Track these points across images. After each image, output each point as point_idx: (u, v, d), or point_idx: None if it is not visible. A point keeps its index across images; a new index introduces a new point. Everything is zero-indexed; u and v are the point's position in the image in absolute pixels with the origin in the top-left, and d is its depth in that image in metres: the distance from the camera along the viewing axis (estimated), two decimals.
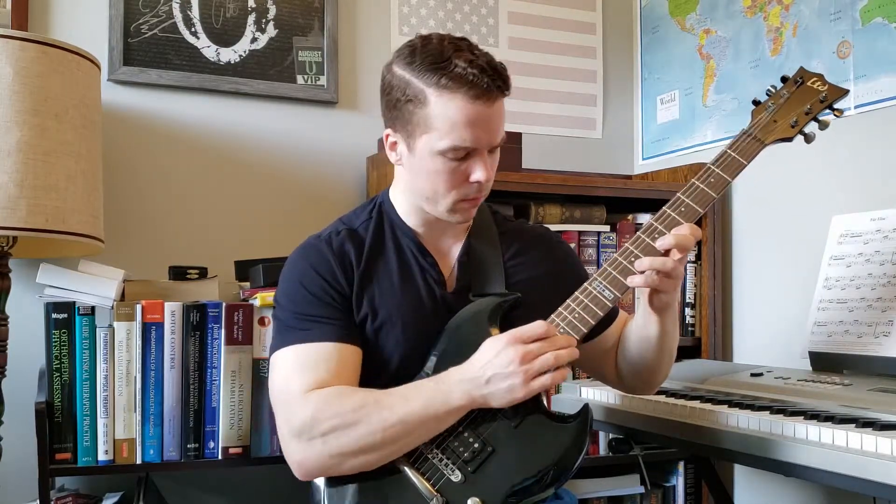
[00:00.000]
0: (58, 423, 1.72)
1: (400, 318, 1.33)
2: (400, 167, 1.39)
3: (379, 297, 1.34)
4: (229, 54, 2.23)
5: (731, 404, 1.48)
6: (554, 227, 2.24)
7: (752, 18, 2.29)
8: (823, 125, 1.39)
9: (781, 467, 1.30)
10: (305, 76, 2.31)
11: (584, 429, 1.27)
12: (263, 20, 2.27)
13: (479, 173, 1.30)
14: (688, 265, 2.36)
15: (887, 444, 1.15)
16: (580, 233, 2.26)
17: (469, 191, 1.33)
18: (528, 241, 1.49)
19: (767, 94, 1.42)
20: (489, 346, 1.23)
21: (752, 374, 1.70)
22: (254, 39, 2.26)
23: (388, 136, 1.36)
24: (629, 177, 2.66)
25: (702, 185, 1.34)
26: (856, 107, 1.99)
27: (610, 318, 1.45)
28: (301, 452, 1.25)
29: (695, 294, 2.37)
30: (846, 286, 1.76)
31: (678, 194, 1.34)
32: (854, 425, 1.25)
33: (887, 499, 1.18)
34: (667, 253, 1.28)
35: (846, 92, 1.40)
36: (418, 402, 1.22)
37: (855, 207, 1.91)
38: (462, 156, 1.28)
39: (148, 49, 2.15)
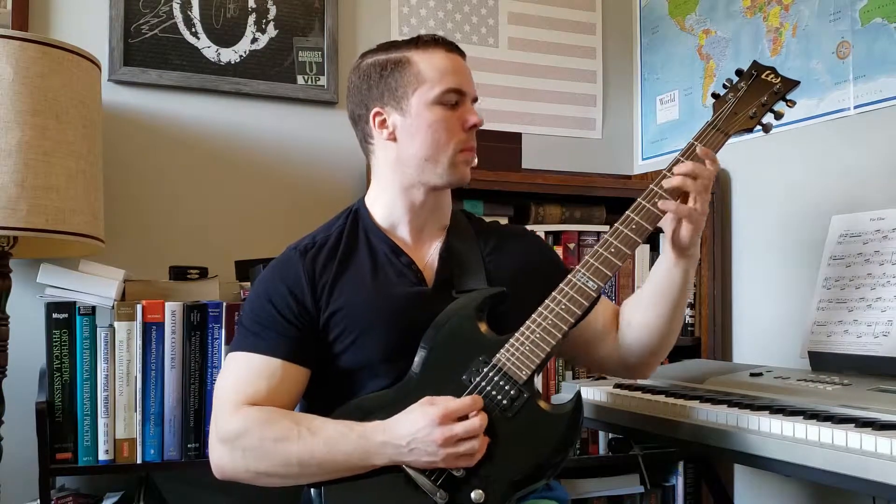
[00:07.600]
0: (58, 422, 1.73)
1: (377, 321, 1.35)
2: (384, 154, 1.42)
3: (352, 304, 1.35)
4: (229, 54, 2.23)
5: (731, 404, 1.48)
6: (554, 228, 2.25)
7: (752, 19, 2.29)
8: (779, 115, 1.46)
9: (780, 467, 1.31)
10: (305, 76, 2.31)
11: (577, 416, 1.30)
12: (264, 20, 2.27)
13: (473, 117, 1.40)
14: None
15: (887, 444, 1.15)
16: (580, 233, 2.26)
17: (466, 138, 1.40)
18: (504, 237, 1.52)
19: (724, 88, 1.48)
20: (418, 416, 1.24)
21: (752, 374, 1.70)
22: (254, 40, 2.26)
23: (375, 115, 1.40)
24: (629, 177, 2.67)
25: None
26: (855, 107, 1.99)
27: (592, 304, 1.47)
28: (222, 457, 1.31)
29: (695, 294, 2.37)
30: (846, 286, 1.76)
31: (651, 186, 1.38)
32: (853, 425, 1.25)
33: (887, 499, 1.18)
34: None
35: (797, 83, 1.47)
36: (340, 453, 1.25)
37: (855, 207, 1.91)
38: (454, 101, 1.38)
39: (148, 49, 2.15)
